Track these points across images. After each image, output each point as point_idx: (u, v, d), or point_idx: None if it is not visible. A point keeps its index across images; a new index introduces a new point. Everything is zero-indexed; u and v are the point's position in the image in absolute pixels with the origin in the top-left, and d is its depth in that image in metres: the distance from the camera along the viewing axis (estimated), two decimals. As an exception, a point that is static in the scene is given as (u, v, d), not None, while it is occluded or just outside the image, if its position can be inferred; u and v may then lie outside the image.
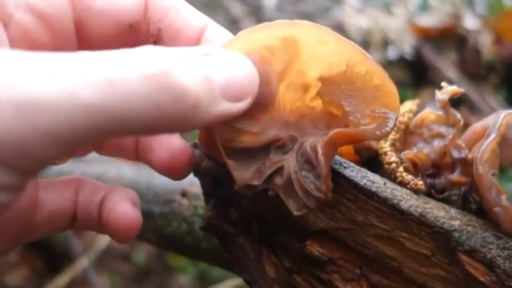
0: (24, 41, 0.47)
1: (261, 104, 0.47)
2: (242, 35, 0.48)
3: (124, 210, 0.50)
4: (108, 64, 0.36)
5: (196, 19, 0.52)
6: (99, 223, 0.51)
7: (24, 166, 0.35)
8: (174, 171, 0.53)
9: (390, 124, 0.48)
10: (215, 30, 0.52)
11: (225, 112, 0.41)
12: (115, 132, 0.37)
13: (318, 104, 0.50)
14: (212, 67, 0.41)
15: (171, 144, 0.52)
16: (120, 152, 0.57)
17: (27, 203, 0.48)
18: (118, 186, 0.53)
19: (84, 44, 0.51)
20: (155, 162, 0.53)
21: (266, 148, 0.48)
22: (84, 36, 0.51)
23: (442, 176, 0.58)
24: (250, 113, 0.45)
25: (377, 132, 0.48)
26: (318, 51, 0.49)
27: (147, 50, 0.39)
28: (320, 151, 0.46)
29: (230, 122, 0.46)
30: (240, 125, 0.47)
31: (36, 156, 0.35)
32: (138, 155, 0.55)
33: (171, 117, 0.38)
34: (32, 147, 0.34)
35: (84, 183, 0.53)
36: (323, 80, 0.49)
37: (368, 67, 0.49)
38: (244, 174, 0.48)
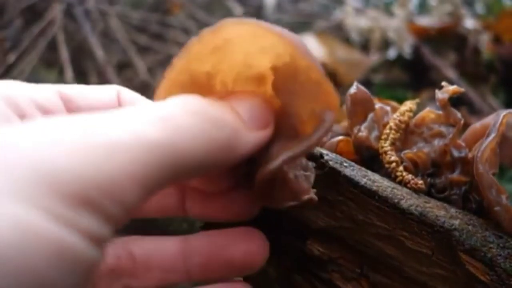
0: None
1: None
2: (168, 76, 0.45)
3: None
4: (148, 106, 0.39)
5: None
6: None
7: (111, 210, 0.33)
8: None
9: (322, 129, 0.44)
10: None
11: (259, 138, 0.44)
12: (179, 169, 0.37)
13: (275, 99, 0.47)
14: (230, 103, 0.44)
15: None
16: None
17: None
18: None
19: None
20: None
21: None
22: None
23: (442, 175, 0.58)
24: None
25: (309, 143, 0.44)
26: (258, 44, 0.44)
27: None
28: None
29: None
30: None
31: (121, 198, 0.33)
32: None
33: (220, 147, 0.39)
34: (117, 188, 0.33)
35: None
36: (275, 70, 0.45)
37: (308, 61, 0.44)
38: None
